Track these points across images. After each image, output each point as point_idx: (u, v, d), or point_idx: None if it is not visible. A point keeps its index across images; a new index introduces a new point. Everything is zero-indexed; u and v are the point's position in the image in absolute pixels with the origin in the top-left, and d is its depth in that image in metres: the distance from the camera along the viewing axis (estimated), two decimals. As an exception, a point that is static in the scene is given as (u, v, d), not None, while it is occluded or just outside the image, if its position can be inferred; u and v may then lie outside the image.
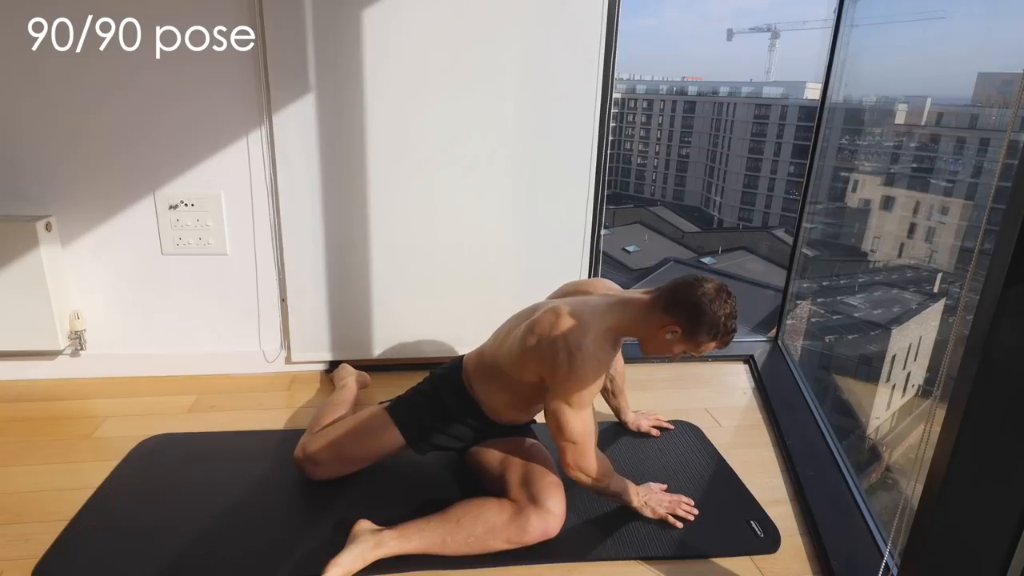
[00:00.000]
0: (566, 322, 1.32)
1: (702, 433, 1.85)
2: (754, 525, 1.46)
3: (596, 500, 1.52)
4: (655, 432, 1.83)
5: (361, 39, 1.87)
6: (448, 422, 1.50)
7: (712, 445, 1.80)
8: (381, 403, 1.57)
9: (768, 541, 1.42)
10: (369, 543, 1.27)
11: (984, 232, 1.07)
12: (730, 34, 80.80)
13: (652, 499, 1.48)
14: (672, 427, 1.87)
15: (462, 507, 1.35)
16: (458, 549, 1.29)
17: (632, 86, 50.79)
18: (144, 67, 1.82)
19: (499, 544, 1.31)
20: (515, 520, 1.31)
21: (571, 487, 1.42)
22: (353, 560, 1.25)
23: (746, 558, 1.37)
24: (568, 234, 2.16)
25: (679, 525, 1.44)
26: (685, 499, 1.51)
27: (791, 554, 1.40)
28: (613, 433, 1.84)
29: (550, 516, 1.33)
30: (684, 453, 1.75)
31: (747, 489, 1.60)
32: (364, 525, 1.33)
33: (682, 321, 1.33)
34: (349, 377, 1.95)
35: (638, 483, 1.53)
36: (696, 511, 1.48)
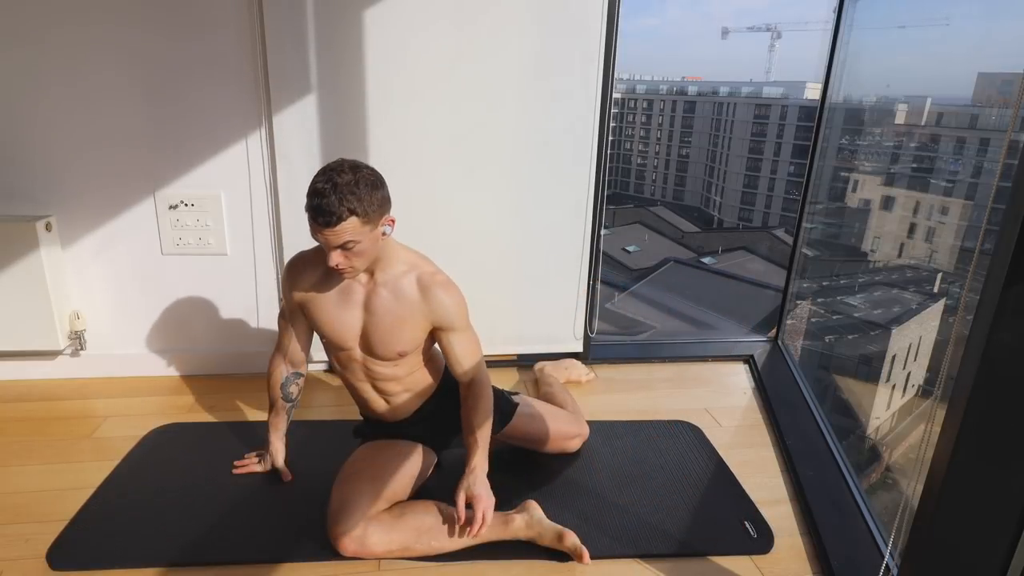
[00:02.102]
0: None
1: (702, 433, 1.85)
2: (748, 526, 1.47)
3: (595, 500, 1.54)
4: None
5: (361, 39, 1.87)
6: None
7: (711, 445, 1.80)
8: (359, 441, 1.56)
9: (762, 542, 1.42)
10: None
11: (984, 232, 1.07)
12: (725, 32, 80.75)
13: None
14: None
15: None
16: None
17: (632, 86, 50.79)
18: (144, 67, 1.83)
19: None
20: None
21: (570, 485, 1.41)
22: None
23: (746, 558, 1.38)
24: (568, 234, 2.16)
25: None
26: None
27: (791, 554, 1.40)
28: (610, 433, 1.83)
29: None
30: (683, 453, 1.75)
31: (743, 489, 1.60)
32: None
33: None
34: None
35: (647, 486, 1.57)
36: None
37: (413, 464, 1.45)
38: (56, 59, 1.79)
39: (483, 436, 1.41)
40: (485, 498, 1.34)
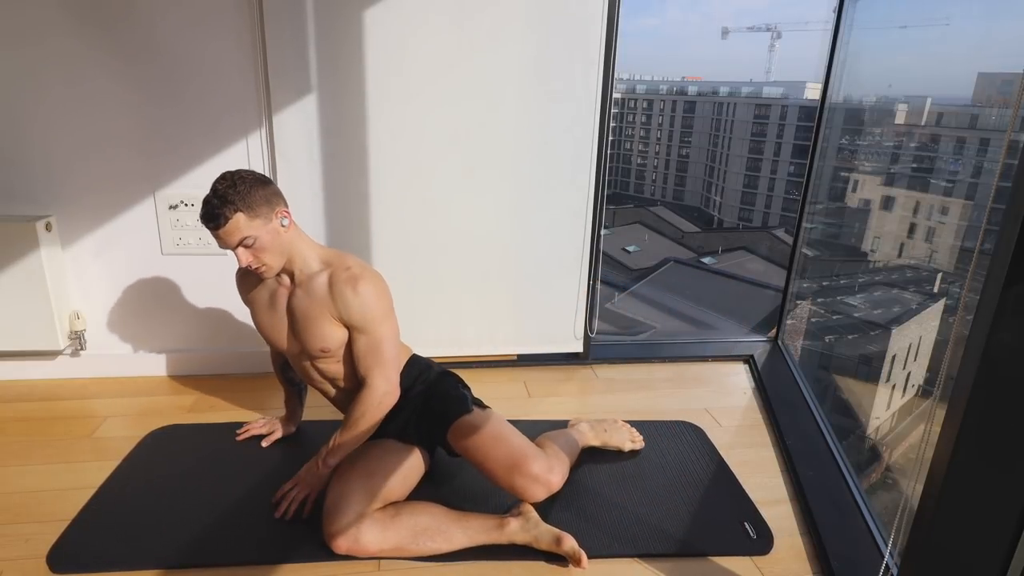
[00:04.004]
0: None
1: (703, 433, 1.85)
2: (748, 526, 1.47)
3: (595, 499, 1.53)
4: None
5: (362, 39, 1.87)
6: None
7: (712, 445, 1.80)
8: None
9: (761, 543, 1.42)
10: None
11: (984, 232, 1.07)
12: (725, 32, 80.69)
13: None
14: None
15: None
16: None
17: (632, 86, 50.76)
18: (144, 67, 1.83)
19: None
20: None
21: (570, 484, 1.41)
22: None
23: (746, 558, 1.38)
24: (568, 234, 2.16)
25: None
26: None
27: (791, 554, 1.40)
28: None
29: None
30: (684, 453, 1.75)
31: (744, 490, 1.60)
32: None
33: None
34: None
35: (647, 486, 1.56)
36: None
37: (405, 460, 1.45)
38: (56, 60, 1.79)
39: (346, 435, 1.40)
40: (301, 482, 1.44)
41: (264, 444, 1.72)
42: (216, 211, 1.29)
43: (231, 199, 1.29)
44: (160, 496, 1.52)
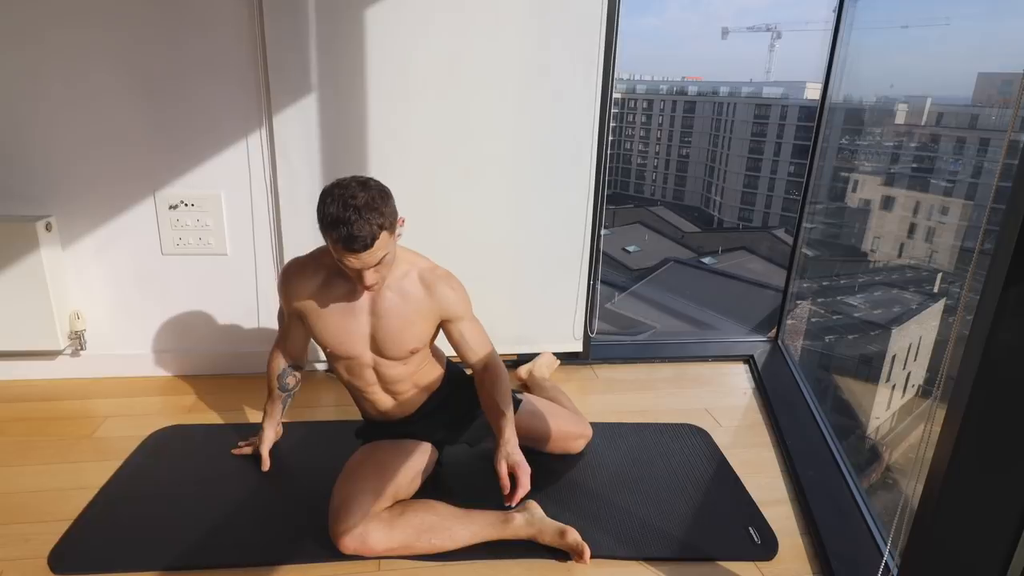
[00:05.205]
0: None
1: (709, 436, 1.84)
2: (752, 532, 1.46)
3: (597, 501, 1.53)
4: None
5: (362, 39, 1.87)
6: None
7: (717, 448, 1.79)
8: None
9: (765, 548, 1.41)
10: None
11: (984, 232, 1.08)
12: (725, 32, 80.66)
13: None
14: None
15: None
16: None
17: (632, 86, 50.74)
18: (144, 67, 1.83)
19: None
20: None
21: (573, 487, 1.40)
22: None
23: (748, 562, 1.37)
24: (568, 234, 2.16)
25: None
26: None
27: (791, 554, 1.40)
28: (614, 435, 1.83)
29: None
30: (689, 456, 1.75)
31: (749, 495, 1.59)
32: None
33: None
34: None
35: (650, 488, 1.57)
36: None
37: (415, 460, 1.45)
38: (56, 59, 1.79)
39: (510, 411, 1.43)
40: (524, 464, 1.37)
41: (264, 469, 1.61)
42: (365, 231, 1.15)
43: (376, 218, 1.16)
44: (161, 497, 1.52)
